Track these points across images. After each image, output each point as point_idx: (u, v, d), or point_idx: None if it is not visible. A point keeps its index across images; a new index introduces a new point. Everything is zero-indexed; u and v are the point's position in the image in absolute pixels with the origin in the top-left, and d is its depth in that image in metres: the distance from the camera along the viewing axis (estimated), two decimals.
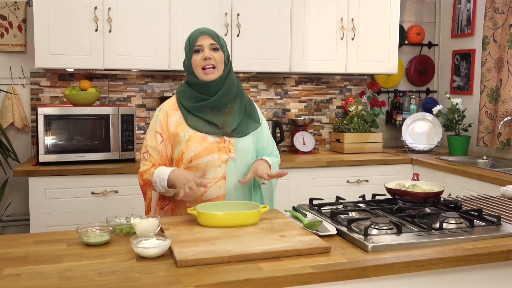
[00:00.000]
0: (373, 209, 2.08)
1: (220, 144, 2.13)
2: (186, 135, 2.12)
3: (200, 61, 2.12)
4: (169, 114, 2.17)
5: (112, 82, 3.87)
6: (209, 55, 2.11)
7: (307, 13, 3.86)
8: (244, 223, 1.86)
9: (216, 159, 2.11)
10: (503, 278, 1.74)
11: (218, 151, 2.11)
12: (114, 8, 3.45)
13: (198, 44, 2.13)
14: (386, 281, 1.57)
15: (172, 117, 2.16)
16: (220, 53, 2.15)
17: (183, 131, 2.13)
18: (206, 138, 2.12)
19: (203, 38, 2.13)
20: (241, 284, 1.39)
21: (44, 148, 3.27)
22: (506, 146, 3.81)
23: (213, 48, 2.13)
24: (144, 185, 2.16)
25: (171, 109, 2.19)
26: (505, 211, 2.13)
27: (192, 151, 2.09)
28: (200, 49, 2.13)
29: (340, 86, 4.42)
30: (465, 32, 4.34)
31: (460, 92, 4.40)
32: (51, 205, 3.19)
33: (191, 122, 2.14)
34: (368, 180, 3.79)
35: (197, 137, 2.11)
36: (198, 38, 2.13)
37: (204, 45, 2.12)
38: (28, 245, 1.70)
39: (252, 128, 2.22)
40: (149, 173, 2.12)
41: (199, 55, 2.13)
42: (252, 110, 2.26)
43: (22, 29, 3.67)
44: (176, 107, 2.19)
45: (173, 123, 2.15)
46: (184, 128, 2.14)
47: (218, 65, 2.13)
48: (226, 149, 2.13)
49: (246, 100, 2.24)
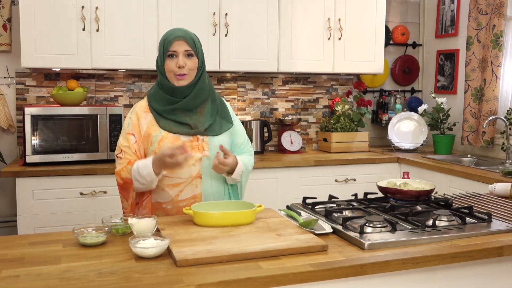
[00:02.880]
0: (366, 207, 2.10)
1: (194, 143, 2.12)
2: (158, 136, 2.11)
3: (173, 67, 2.10)
4: (140, 116, 2.16)
5: (99, 82, 3.84)
6: (182, 63, 2.09)
7: (294, 13, 3.88)
8: (240, 223, 1.87)
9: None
10: (495, 274, 1.78)
11: (192, 150, 2.10)
12: (101, 8, 3.42)
13: (173, 50, 2.09)
14: (382, 278, 1.60)
15: (144, 119, 2.15)
16: (194, 59, 2.12)
17: (155, 132, 2.12)
18: (179, 137, 2.12)
19: (178, 43, 2.09)
20: (242, 282, 1.40)
21: (31, 149, 3.24)
22: (490, 145, 3.88)
23: (188, 54, 2.11)
24: (124, 184, 2.12)
25: (142, 111, 2.18)
26: (495, 208, 2.17)
27: (165, 151, 2.04)
28: (175, 54, 2.10)
29: (327, 85, 4.45)
30: (449, 33, 4.41)
31: (444, 92, 4.47)
32: (39, 206, 3.16)
33: (163, 124, 2.13)
34: (356, 179, 3.83)
35: (169, 137, 2.11)
36: (173, 42, 2.09)
37: (178, 51, 2.09)
38: (23, 247, 1.68)
39: (226, 128, 2.22)
40: (127, 170, 2.09)
41: (173, 60, 2.10)
42: (224, 110, 2.25)
43: (7, 28, 3.62)
44: (148, 110, 2.17)
45: (145, 125, 2.14)
46: (156, 129, 2.13)
47: (190, 72, 2.12)
48: (200, 147, 2.13)
49: (217, 101, 2.24)
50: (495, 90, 3.82)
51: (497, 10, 3.77)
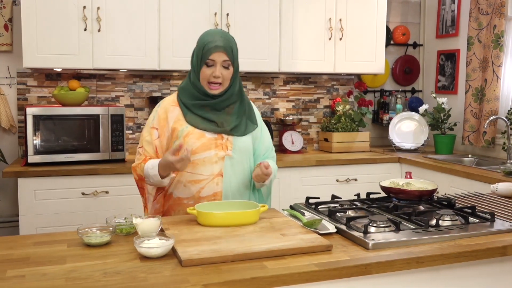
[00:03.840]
0: (369, 207, 2.10)
1: (218, 141, 2.14)
2: (184, 130, 2.12)
3: (209, 76, 2.11)
4: (168, 110, 2.18)
5: (100, 82, 3.84)
6: (219, 74, 2.10)
7: (296, 14, 3.89)
8: (243, 222, 1.87)
9: (213, 155, 2.12)
10: (499, 273, 1.78)
11: (216, 148, 2.12)
12: (103, 8, 3.42)
13: (211, 59, 2.09)
14: (387, 277, 1.60)
15: (171, 113, 2.17)
16: (230, 69, 2.13)
17: (182, 126, 2.13)
18: (204, 134, 2.13)
19: (218, 54, 2.09)
20: (247, 282, 1.40)
21: (33, 149, 3.23)
22: (491, 145, 3.88)
23: (225, 66, 2.11)
24: (139, 180, 2.18)
25: (170, 105, 2.19)
26: (497, 208, 2.18)
27: (190, 146, 2.07)
28: (213, 64, 2.10)
29: (328, 85, 4.46)
30: (450, 33, 4.41)
31: (445, 92, 4.47)
32: (41, 206, 3.16)
33: (190, 119, 2.14)
34: (357, 178, 3.83)
35: (195, 133, 2.12)
36: (213, 52, 2.08)
37: (217, 62, 2.10)
38: (28, 247, 1.68)
39: (251, 129, 2.23)
40: (140, 167, 2.13)
41: (210, 69, 2.10)
42: (250, 112, 2.27)
43: (8, 28, 3.62)
44: (176, 104, 2.19)
45: (172, 119, 2.16)
46: (182, 123, 2.14)
47: (225, 82, 2.13)
48: (224, 146, 2.14)
49: (245, 102, 2.25)
50: (496, 90, 3.82)
51: (497, 10, 3.78)
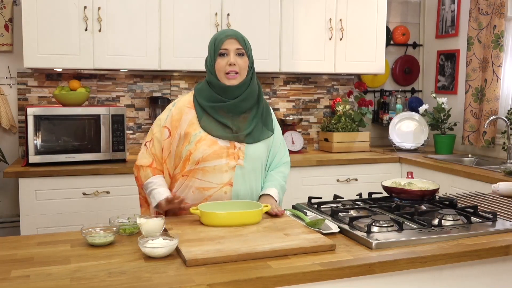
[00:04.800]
0: (372, 207, 2.11)
1: (230, 150, 2.09)
2: (197, 136, 2.08)
3: (225, 66, 2.08)
4: (183, 112, 2.13)
5: (101, 82, 3.84)
6: (234, 61, 2.07)
7: (296, 14, 3.89)
8: (246, 222, 1.87)
9: (223, 164, 2.07)
10: (501, 273, 1.79)
11: (227, 157, 2.08)
12: (104, 8, 3.42)
13: (224, 48, 2.08)
14: (390, 277, 1.61)
15: (186, 115, 2.12)
16: (245, 58, 2.11)
17: (195, 131, 2.09)
18: (217, 142, 2.08)
19: (229, 42, 2.08)
20: (252, 282, 1.40)
21: (34, 149, 3.23)
22: (491, 145, 3.89)
23: (239, 53, 2.09)
24: (137, 180, 2.18)
25: (185, 106, 2.14)
26: (499, 207, 2.18)
27: (201, 153, 2.05)
28: (226, 53, 2.08)
29: (328, 86, 4.46)
30: (450, 33, 4.42)
31: (445, 92, 4.48)
32: (42, 206, 3.15)
33: (204, 123, 2.09)
34: (358, 178, 3.84)
35: (207, 139, 2.07)
36: (224, 41, 2.08)
37: (230, 50, 2.08)
38: (31, 247, 1.68)
39: (265, 135, 2.18)
40: (144, 175, 2.13)
41: (224, 59, 2.08)
42: (268, 116, 2.22)
43: (8, 28, 3.62)
44: (191, 105, 2.14)
45: (186, 121, 2.11)
46: (196, 128, 2.09)
47: (241, 71, 2.10)
48: (235, 155, 2.09)
49: (263, 106, 2.20)
50: (496, 90, 3.83)
51: (497, 11, 3.79)
